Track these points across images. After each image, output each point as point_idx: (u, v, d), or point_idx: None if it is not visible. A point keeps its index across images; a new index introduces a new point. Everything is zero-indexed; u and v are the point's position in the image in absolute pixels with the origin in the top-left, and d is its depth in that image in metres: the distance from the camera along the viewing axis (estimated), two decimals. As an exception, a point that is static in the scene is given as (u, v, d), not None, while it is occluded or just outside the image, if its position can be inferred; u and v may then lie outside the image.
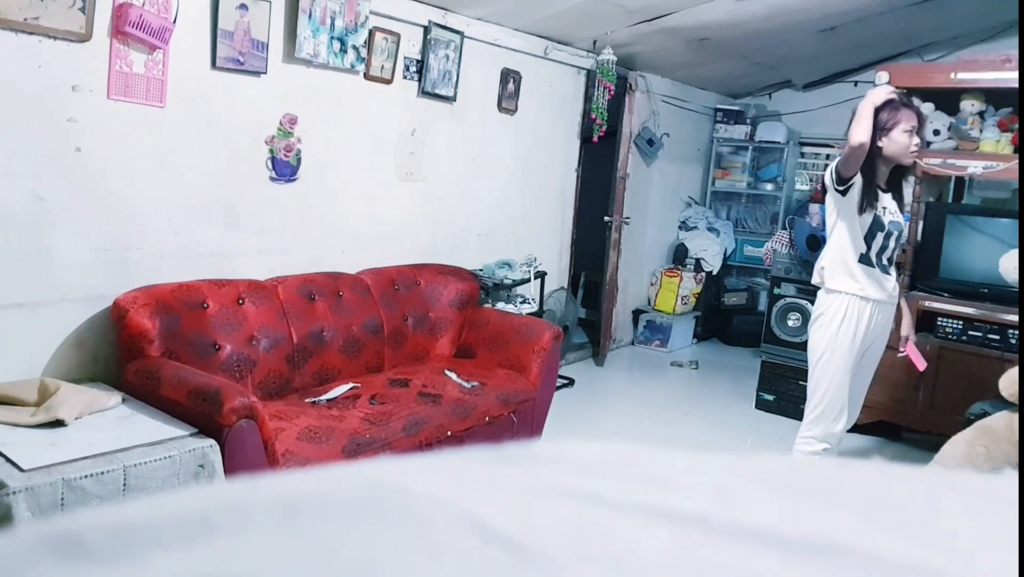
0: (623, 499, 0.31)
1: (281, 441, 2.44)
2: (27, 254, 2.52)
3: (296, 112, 3.24)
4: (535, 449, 0.37)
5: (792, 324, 5.10)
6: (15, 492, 1.82)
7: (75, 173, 2.60)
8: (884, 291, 2.82)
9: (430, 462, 0.35)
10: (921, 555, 0.28)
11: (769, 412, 4.54)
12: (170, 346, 2.60)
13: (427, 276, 3.71)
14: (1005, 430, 2.59)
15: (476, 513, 0.29)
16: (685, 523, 0.30)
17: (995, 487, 0.36)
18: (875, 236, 2.79)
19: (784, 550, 0.28)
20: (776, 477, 0.36)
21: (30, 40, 2.42)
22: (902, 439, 4.22)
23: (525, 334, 3.51)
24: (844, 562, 0.28)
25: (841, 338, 2.80)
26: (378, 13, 3.47)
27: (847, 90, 6.00)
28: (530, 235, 4.77)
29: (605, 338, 5.35)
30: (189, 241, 2.97)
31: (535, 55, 4.51)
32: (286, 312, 3.01)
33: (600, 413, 4.47)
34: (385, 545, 0.27)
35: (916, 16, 4.80)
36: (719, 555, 0.28)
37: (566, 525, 0.29)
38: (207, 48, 2.89)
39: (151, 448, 2.12)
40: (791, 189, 6.35)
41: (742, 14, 4.40)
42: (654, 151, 5.64)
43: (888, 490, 0.35)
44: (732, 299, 6.34)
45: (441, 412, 2.95)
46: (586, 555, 0.27)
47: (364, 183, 3.66)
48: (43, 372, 2.57)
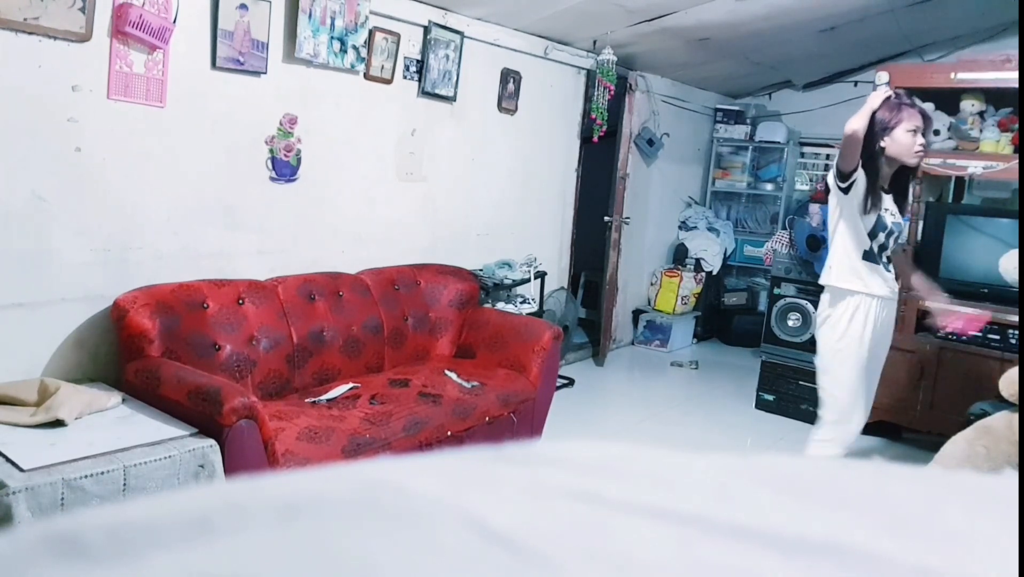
0: (623, 499, 0.31)
1: (281, 441, 2.44)
2: (27, 254, 2.52)
3: (296, 112, 3.24)
4: (535, 449, 0.37)
5: (792, 324, 5.10)
6: (15, 492, 1.82)
7: (75, 173, 2.60)
8: (888, 287, 2.83)
9: (430, 462, 0.35)
10: (921, 555, 0.28)
11: (769, 412, 4.54)
12: (170, 346, 2.60)
13: (427, 276, 3.71)
14: (1005, 430, 2.59)
15: (476, 513, 0.29)
16: (685, 523, 0.30)
17: (995, 487, 0.36)
18: (877, 235, 2.78)
19: (784, 550, 0.28)
20: (776, 477, 0.36)
21: (30, 40, 2.42)
22: (902, 439, 4.22)
23: (525, 334, 3.50)
24: (844, 562, 0.28)
25: (851, 338, 2.79)
26: (378, 13, 3.47)
27: (847, 90, 6.00)
28: (530, 235, 4.77)
29: (605, 338, 5.35)
30: (189, 241, 2.97)
31: (535, 55, 4.51)
32: (286, 312, 3.01)
33: (600, 413, 4.47)
34: (385, 545, 0.27)
35: (916, 16, 4.80)
36: (719, 555, 0.28)
37: (566, 525, 0.29)
38: (207, 48, 2.89)
39: (151, 448, 2.12)
40: (791, 189, 6.35)
41: (742, 14, 4.40)
42: (654, 151, 5.64)
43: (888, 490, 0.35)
44: (732, 299, 6.34)
45: (441, 412, 2.95)
46: (586, 555, 0.27)
47: (364, 183, 3.66)
48: (43, 372, 2.57)
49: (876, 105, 2.69)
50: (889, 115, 2.70)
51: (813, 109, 6.23)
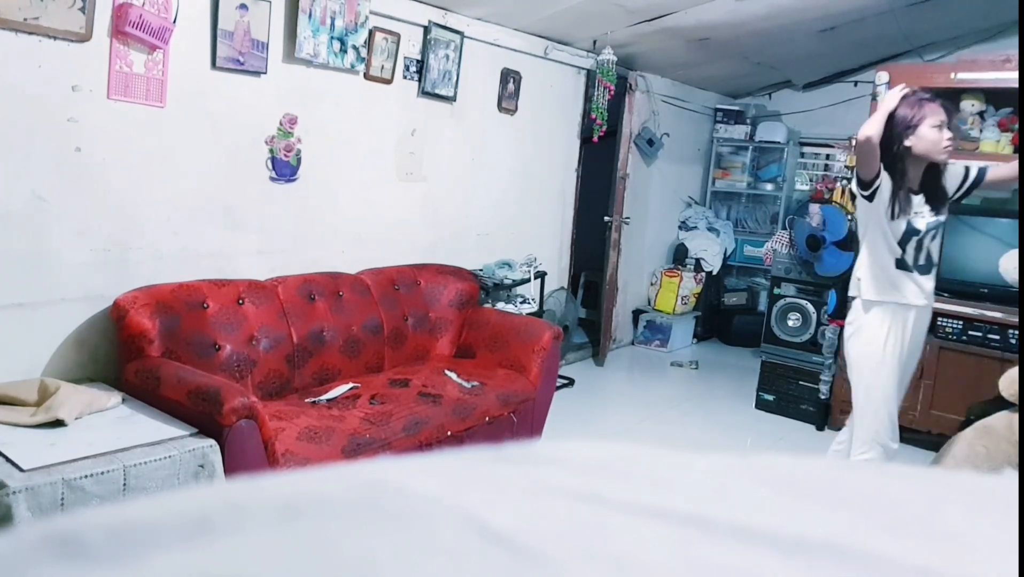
0: (623, 499, 0.31)
1: (281, 441, 2.44)
2: (27, 254, 2.52)
3: (296, 112, 3.24)
4: (535, 449, 0.37)
5: (792, 324, 5.10)
6: (15, 492, 1.82)
7: (75, 173, 2.60)
8: (923, 294, 2.69)
9: (430, 462, 0.35)
10: (921, 555, 0.28)
11: (769, 412, 4.55)
12: (170, 346, 2.60)
13: (427, 276, 3.71)
14: (1005, 430, 2.59)
15: (476, 513, 0.29)
16: (685, 523, 0.30)
17: (995, 487, 0.36)
18: (909, 240, 2.64)
19: (784, 550, 0.28)
20: (776, 477, 0.36)
21: (30, 40, 2.42)
22: (902, 439, 4.21)
23: (525, 334, 3.51)
24: (844, 562, 0.28)
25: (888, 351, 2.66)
26: (378, 13, 3.47)
27: (847, 90, 6.00)
28: (530, 235, 4.77)
29: (605, 338, 5.35)
30: (189, 241, 2.97)
31: (535, 55, 4.51)
32: (286, 312, 3.01)
33: (600, 413, 4.47)
34: (384, 545, 0.27)
35: (916, 16, 4.80)
36: (719, 555, 0.28)
37: (566, 525, 0.29)
38: (207, 48, 2.89)
39: (151, 448, 2.12)
40: (791, 189, 6.35)
41: (742, 14, 4.40)
42: (654, 151, 5.64)
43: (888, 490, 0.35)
44: (732, 299, 6.34)
45: (441, 412, 2.95)
46: (586, 555, 0.27)
47: (364, 183, 3.66)
48: (43, 372, 2.57)
49: (893, 105, 2.56)
50: (911, 112, 2.56)
51: (813, 109, 6.23)
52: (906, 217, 2.62)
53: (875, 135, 2.50)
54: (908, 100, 2.58)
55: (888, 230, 2.64)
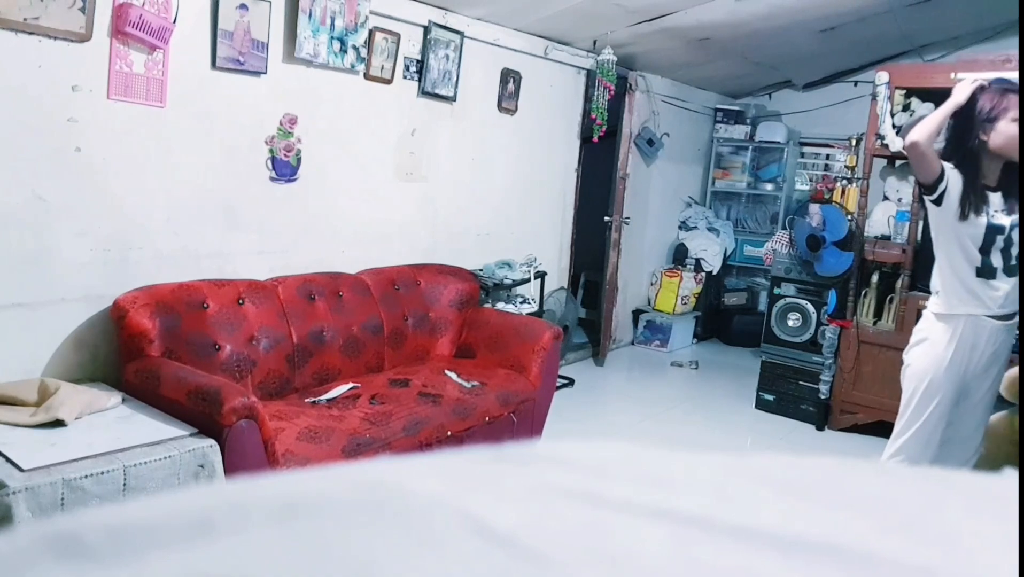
0: (623, 499, 0.31)
1: (281, 441, 2.44)
2: (27, 254, 2.52)
3: (296, 112, 3.24)
4: (535, 449, 0.37)
5: (792, 324, 5.10)
6: (15, 492, 1.82)
7: (75, 173, 2.60)
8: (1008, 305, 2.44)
9: (430, 462, 0.35)
10: (921, 555, 0.28)
11: (769, 412, 4.54)
12: (170, 346, 2.60)
13: (427, 276, 3.71)
14: (1005, 430, 2.59)
15: (476, 513, 0.29)
16: (685, 523, 0.30)
17: (995, 487, 0.36)
18: (994, 240, 2.36)
19: (784, 550, 0.28)
20: (776, 477, 0.36)
21: (30, 40, 2.42)
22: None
23: (525, 334, 3.51)
24: (844, 562, 0.28)
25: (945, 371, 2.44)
26: (378, 13, 3.47)
27: (847, 90, 6.00)
28: (530, 235, 4.77)
29: (605, 338, 5.35)
30: (189, 241, 2.97)
31: (535, 55, 4.51)
32: (286, 312, 3.01)
33: (600, 413, 4.47)
34: (385, 545, 0.27)
35: (916, 16, 4.80)
36: (719, 555, 0.28)
37: (566, 525, 0.29)
38: (207, 48, 2.89)
39: (151, 448, 2.12)
40: (791, 189, 6.35)
41: (742, 14, 4.40)
42: (654, 151, 5.64)
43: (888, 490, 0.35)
44: (732, 299, 6.34)
45: (441, 412, 2.95)
46: (586, 555, 0.27)
47: (364, 183, 3.66)
48: (43, 372, 2.57)
49: (962, 100, 2.36)
50: (990, 104, 2.33)
51: (813, 109, 6.23)
52: (980, 216, 2.37)
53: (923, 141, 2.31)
54: (988, 91, 2.36)
55: (963, 233, 2.38)
